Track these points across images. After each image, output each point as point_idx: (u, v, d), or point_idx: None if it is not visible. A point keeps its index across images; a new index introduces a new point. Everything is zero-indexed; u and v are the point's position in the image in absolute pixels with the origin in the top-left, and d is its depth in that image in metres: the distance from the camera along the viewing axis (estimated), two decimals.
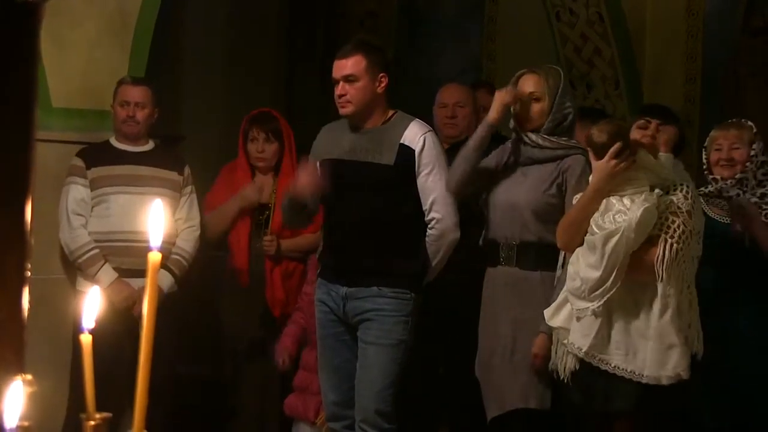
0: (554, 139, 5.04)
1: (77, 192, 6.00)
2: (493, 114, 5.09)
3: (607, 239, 4.56)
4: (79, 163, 6.03)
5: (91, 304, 1.69)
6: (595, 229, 4.65)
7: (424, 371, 5.80)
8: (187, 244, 6.16)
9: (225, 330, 6.39)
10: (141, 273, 5.96)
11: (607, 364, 4.64)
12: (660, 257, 4.55)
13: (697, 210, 4.72)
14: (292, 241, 6.30)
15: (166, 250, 6.09)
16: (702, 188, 5.41)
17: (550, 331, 4.92)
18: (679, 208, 4.60)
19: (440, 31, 8.89)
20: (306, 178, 5.20)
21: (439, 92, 6.26)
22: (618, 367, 4.62)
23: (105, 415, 1.71)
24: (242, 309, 6.30)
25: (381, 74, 5.18)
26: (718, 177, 5.41)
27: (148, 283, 1.57)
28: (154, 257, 1.51)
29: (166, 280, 6.09)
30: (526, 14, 8.15)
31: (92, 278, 5.97)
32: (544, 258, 5.00)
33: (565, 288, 4.76)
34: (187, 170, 6.24)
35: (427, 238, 5.18)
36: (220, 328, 6.42)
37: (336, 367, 5.29)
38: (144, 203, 6.02)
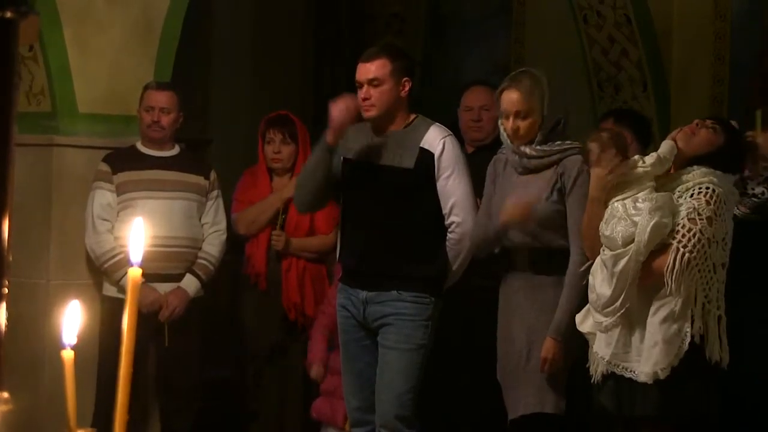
0: (548, 148, 5.00)
1: (103, 197, 6.03)
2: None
3: (616, 260, 4.53)
4: (105, 168, 6.05)
5: (72, 320, 1.69)
6: (602, 238, 4.63)
7: (449, 376, 5.79)
8: (214, 248, 6.18)
9: (244, 333, 6.41)
10: (168, 278, 6.05)
11: (631, 372, 4.61)
12: (670, 266, 4.49)
13: (722, 215, 4.61)
14: (303, 241, 6.32)
15: (193, 254, 6.13)
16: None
17: (558, 335, 4.90)
18: (699, 214, 4.53)
19: (466, 34, 8.87)
20: (344, 105, 5.18)
21: (463, 95, 6.23)
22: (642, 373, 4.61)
23: (88, 430, 1.72)
24: (261, 312, 6.33)
25: (405, 79, 5.19)
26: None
27: (129, 299, 1.58)
28: (134, 273, 1.52)
29: (193, 285, 6.11)
30: (552, 17, 8.11)
31: (118, 283, 6.00)
32: (557, 262, 4.97)
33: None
34: (213, 175, 6.26)
35: (447, 242, 5.17)
36: (238, 332, 6.44)
37: (358, 372, 5.29)
38: (170, 208, 6.06)
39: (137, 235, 1.61)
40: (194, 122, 8.52)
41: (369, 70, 5.16)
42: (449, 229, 5.15)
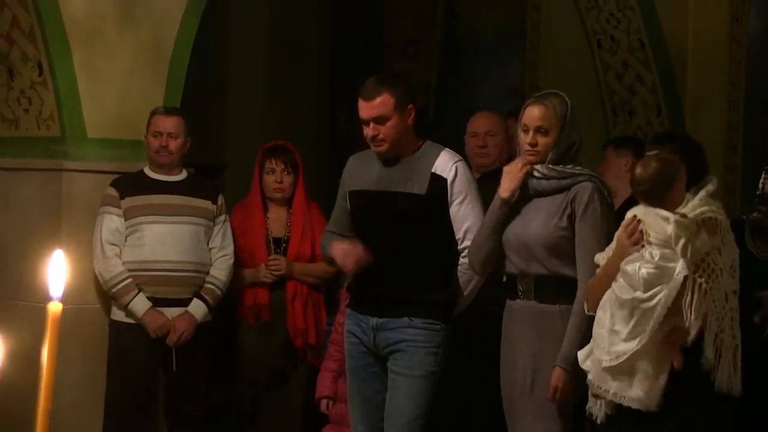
0: (560, 169, 4.95)
1: (111, 221, 6.03)
2: (506, 192, 4.98)
3: (640, 302, 4.47)
4: (113, 192, 6.06)
5: None
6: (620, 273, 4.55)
7: (456, 402, 5.76)
8: (221, 273, 6.17)
9: (244, 359, 6.39)
10: (176, 302, 6.05)
11: (629, 400, 4.54)
12: (689, 299, 4.42)
13: (728, 242, 4.53)
14: (306, 266, 6.31)
15: (200, 278, 6.13)
16: (749, 215, 5.29)
17: (567, 365, 4.84)
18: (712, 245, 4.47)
19: (481, 59, 8.87)
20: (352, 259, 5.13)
21: (469, 121, 6.21)
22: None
23: None
24: (262, 338, 6.31)
25: (409, 107, 5.13)
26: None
27: (48, 334, 1.54)
28: (55, 308, 1.49)
29: (200, 309, 6.09)
30: (566, 42, 8.11)
31: (126, 307, 6.01)
32: (562, 291, 4.91)
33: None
34: (220, 199, 6.26)
35: (459, 267, 5.12)
36: (242, 358, 6.42)
37: (366, 398, 5.25)
38: (178, 232, 6.06)
39: (57, 269, 1.58)
40: (210, 148, 8.55)
41: (373, 108, 5.06)
42: (462, 254, 5.10)
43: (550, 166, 4.94)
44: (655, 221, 4.50)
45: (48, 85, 6.08)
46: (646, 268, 4.43)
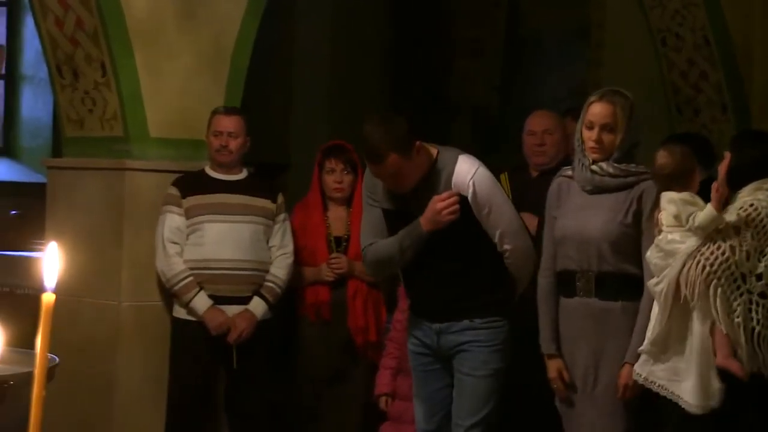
0: (624, 167, 4.95)
1: (173, 220, 6.10)
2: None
3: (653, 287, 4.49)
4: (174, 191, 6.13)
5: None
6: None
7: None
8: (281, 271, 6.21)
9: (305, 356, 6.43)
10: (236, 300, 6.11)
11: (678, 397, 4.54)
12: (684, 274, 4.41)
13: (765, 226, 4.46)
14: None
15: (260, 277, 6.17)
16: None
17: (634, 361, 4.83)
18: (727, 223, 4.43)
19: (545, 57, 8.85)
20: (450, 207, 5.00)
21: (527, 120, 6.21)
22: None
23: None
24: (323, 336, 6.34)
25: (412, 145, 4.92)
26: None
27: (41, 324, 1.57)
28: (48, 298, 1.52)
29: (260, 307, 6.14)
30: (631, 40, 8.05)
31: (187, 305, 6.08)
32: (624, 288, 4.90)
33: None
34: (280, 198, 6.30)
35: (507, 266, 5.13)
36: (302, 356, 6.45)
37: (428, 396, 5.25)
38: (238, 231, 6.12)
39: (52, 261, 1.61)
40: (274, 146, 8.60)
41: (382, 171, 4.95)
42: (504, 256, 5.08)
43: (615, 164, 4.93)
44: (664, 207, 4.59)
45: (111, 86, 6.16)
46: (654, 252, 4.52)
